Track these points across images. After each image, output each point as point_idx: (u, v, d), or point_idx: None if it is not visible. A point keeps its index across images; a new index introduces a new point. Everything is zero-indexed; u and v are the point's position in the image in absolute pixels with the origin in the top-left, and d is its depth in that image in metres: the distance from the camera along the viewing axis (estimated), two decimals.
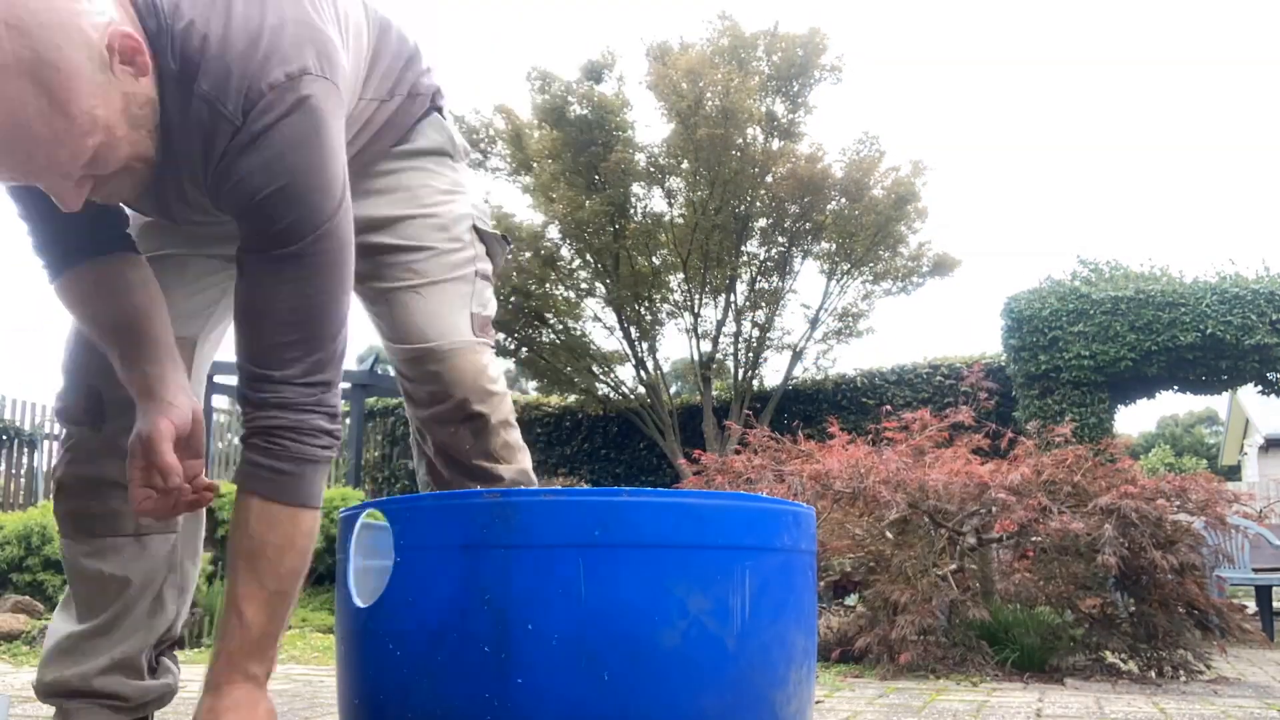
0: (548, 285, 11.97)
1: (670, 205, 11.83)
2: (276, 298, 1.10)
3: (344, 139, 1.13)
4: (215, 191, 1.10)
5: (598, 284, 12.10)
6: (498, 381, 1.59)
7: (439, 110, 1.58)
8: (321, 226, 1.09)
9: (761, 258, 11.89)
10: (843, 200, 11.10)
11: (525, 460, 1.64)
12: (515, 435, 1.62)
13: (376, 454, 13.48)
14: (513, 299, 11.67)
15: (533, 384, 14.25)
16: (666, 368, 14.05)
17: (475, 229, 1.59)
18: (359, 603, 1.11)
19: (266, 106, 1.03)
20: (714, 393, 12.01)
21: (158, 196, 1.17)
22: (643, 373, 12.17)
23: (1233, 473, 24.43)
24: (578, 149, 11.17)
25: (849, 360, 35.30)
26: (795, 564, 1.14)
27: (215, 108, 1.03)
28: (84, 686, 1.41)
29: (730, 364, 12.37)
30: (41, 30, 0.86)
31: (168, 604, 1.50)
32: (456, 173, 1.61)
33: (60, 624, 1.47)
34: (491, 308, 1.59)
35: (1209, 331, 8.72)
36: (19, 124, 0.88)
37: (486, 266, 1.60)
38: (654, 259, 11.92)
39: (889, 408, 6.19)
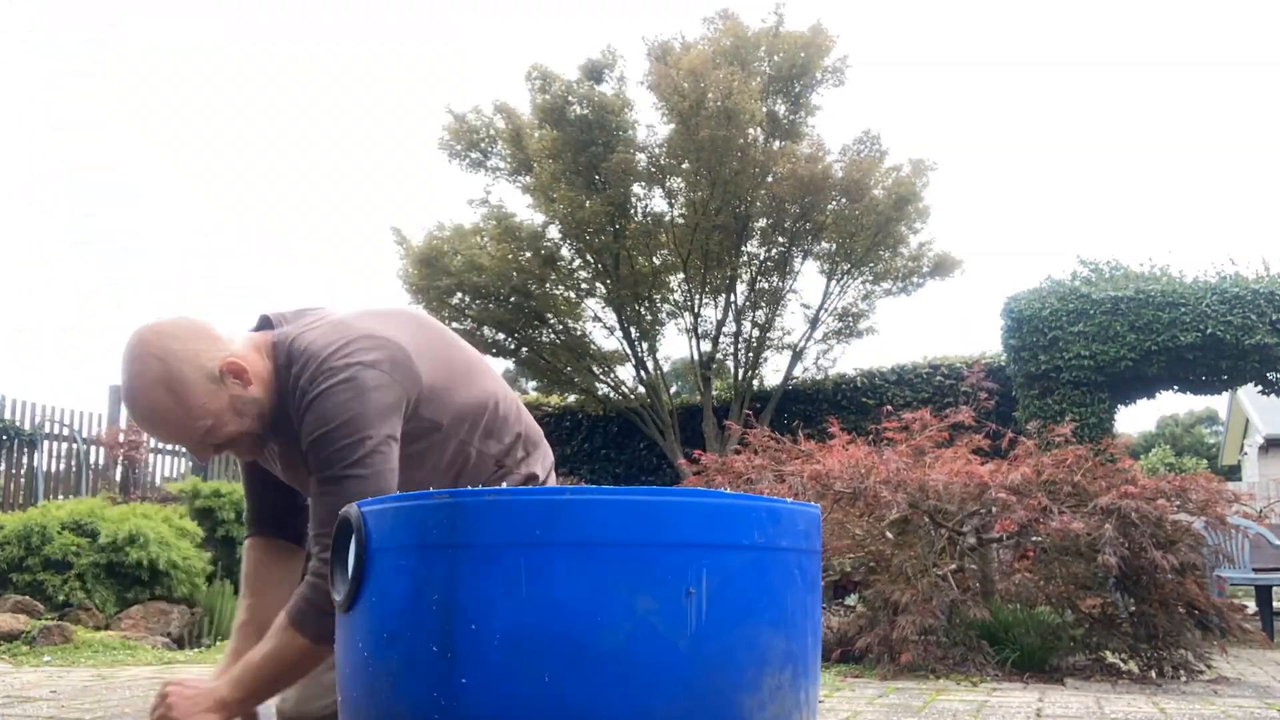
0: (548, 285, 11.97)
1: (671, 205, 11.82)
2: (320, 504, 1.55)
3: (390, 417, 1.51)
4: (302, 437, 1.53)
5: (598, 284, 12.09)
6: None
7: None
8: (350, 466, 1.47)
9: (761, 258, 11.89)
10: (843, 200, 11.09)
11: None
12: None
13: None
14: (513, 299, 11.67)
15: (533, 384, 14.24)
16: (666, 368, 14.05)
17: None
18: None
19: (323, 379, 1.50)
20: (714, 393, 12.00)
21: (278, 454, 1.67)
22: (643, 373, 12.17)
23: (1233, 473, 24.42)
24: (578, 149, 11.17)
25: (849, 360, 35.23)
26: (771, 562, 1.09)
27: (297, 382, 1.53)
28: None
29: (730, 364, 12.36)
30: (175, 361, 1.49)
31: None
32: None
33: None
34: None
35: (1209, 331, 8.72)
36: (159, 413, 1.51)
37: None
38: (654, 259, 11.91)
39: (889, 408, 6.18)
